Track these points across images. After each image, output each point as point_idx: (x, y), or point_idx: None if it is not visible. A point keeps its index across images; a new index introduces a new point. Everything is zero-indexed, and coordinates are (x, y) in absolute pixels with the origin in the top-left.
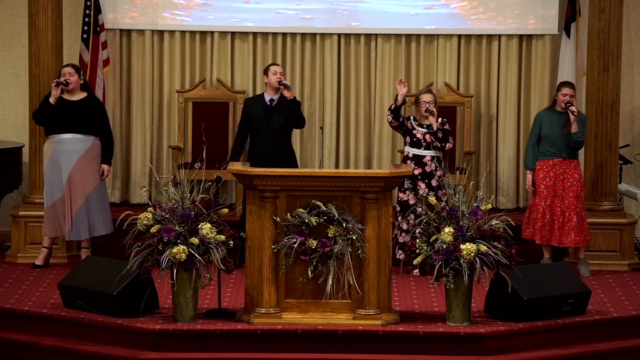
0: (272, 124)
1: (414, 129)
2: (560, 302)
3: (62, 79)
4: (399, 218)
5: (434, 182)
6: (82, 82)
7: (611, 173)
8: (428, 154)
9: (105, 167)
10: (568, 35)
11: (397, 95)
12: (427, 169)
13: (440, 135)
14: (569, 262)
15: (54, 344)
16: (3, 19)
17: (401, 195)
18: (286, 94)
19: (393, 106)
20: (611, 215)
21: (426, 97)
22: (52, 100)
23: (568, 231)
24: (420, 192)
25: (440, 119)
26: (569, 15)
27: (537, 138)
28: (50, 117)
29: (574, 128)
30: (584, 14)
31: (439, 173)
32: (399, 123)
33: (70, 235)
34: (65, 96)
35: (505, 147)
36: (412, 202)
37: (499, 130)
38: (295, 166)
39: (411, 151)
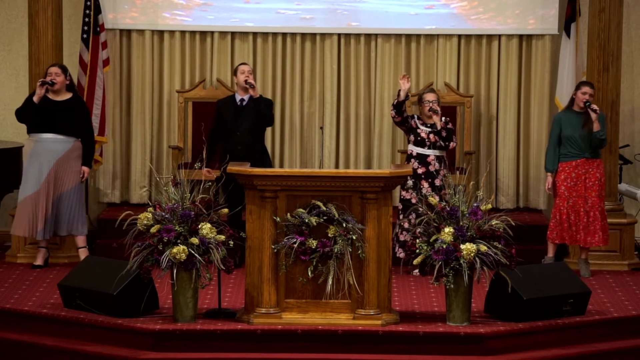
0: (242, 124)
1: (418, 127)
2: (560, 302)
3: (48, 79)
4: (401, 216)
5: (437, 182)
6: (68, 82)
7: (611, 173)
8: (432, 153)
9: (85, 169)
10: (568, 35)
11: (399, 90)
12: (431, 168)
13: (444, 134)
14: (569, 262)
15: (54, 344)
16: (3, 19)
17: (404, 193)
18: (251, 92)
19: (396, 101)
20: (611, 215)
21: (429, 97)
22: (35, 99)
23: (595, 231)
24: (424, 191)
25: (443, 118)
26: (569, 15)
27: (557, 140)
28: (32, 115)
29: (596, 127)
30: (584, 14)
31: (442, 172)
32: (402, 119)
33: (41, 235)
34: (50, 96)
35: (505, 147)
36: (414, 201)
37: (499, 130)
38: (270, 166)
39: (415, 150)
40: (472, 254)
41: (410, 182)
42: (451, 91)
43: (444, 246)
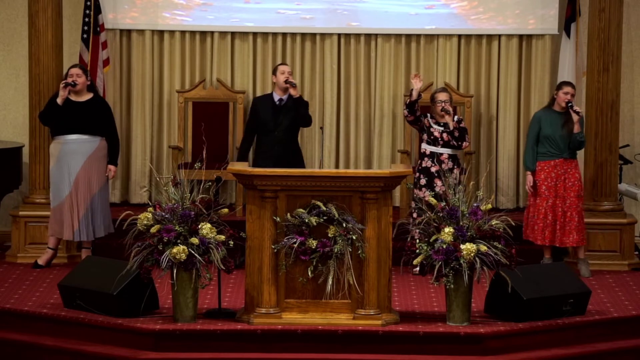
0: (281, 123)
1: (431, 126)
2: (560, 302)
3: (69, 80)
4: (414, 215)
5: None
6: (88, 83)
7: (611, 173)
8: (445, 151)
9: (111, 167)
10: (568, 35)
11: (411, 90)
12: (444, 166)
13: (456, 134)
14: (569, 262)
15: (54, 344)
16: (3, 19)
17: (417, 192)
18: (292, 92)
19: (408, 101)
20: (611, 215)
21: (441, 96)
22: (59, 101)
23: (570, 231)
24: (437, 189)
25: (456, 117)
26: (569, 15)
27: (536, 138)
28: (56, 117)
29: (576, 128)
30: (584, 14)
31: (455, 171)
32: (415, 118)
33: (77, 236)
34: (72, 97)
35: (505, 147)
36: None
37: (499, 130)
38: (303, 166)
39: (428, 148)
40: (472, 254)
41: (423, 181)
42: (451, 91)
43: (444, 246)
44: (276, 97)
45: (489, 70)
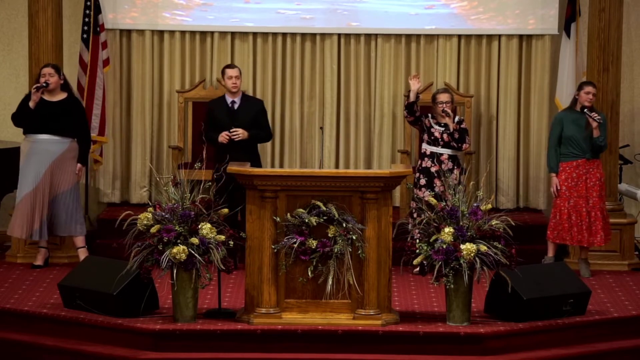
0: (235, 126)
1: (432, 127)
2: (560, 302)
3: (42, 80)
4: (414, 214)
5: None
6: (62, 82)
7: (611, 173)
8: (445, 152)
9: (79, 165)
10: (568, 35)
11: (409, 91)
12: (444, 167)
13: (456, 135)
14: (569, 262)
15: (54, 344)
16: (3, 19)
17: (417, 192)
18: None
19: (407, 102)
20: (611, 215)
21: (443, 97)
22: (31, 104)
23: (596, 231)
24: (436, 189)
25: (457, 118)
26: (569, 15)
27: (558, 140)
28: (29, 117)
29: (596, 133)
30: (584, 14)
31: (455, 171)
32: (415, 118)
33: (35, 235)
34: (45, 96)
35: (505, 147)
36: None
37: (499, 130)
38: None
39: (429, 148)
40: (472, 254)
41: (423, 181)
42: (451, 91)
43: (444, 246)
44: (228, 100)
45: (489, 71)
